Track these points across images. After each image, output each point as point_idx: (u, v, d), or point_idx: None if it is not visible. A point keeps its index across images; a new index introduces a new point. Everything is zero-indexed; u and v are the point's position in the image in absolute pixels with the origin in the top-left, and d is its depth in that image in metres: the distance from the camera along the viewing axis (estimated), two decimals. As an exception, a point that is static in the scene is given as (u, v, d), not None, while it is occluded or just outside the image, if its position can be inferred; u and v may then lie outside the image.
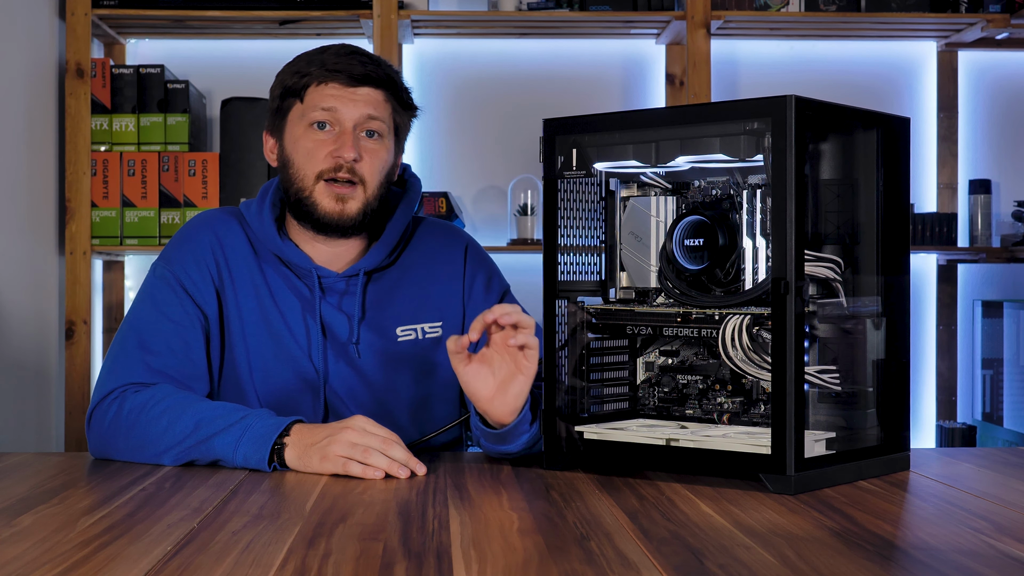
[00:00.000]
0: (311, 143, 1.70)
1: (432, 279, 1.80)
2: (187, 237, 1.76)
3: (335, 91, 1.70)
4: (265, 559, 1.04)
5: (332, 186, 1.69)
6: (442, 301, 1.80)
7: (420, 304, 1.78)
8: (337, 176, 1.69)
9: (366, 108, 1.70)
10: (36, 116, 3.09)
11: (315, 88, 1.71)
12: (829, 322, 1.48)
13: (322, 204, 1.69)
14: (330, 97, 1.70)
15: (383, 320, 1.76)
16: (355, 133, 1.69)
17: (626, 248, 1.62)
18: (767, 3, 3.37)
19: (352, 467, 1.46)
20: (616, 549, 1.08)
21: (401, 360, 1.75)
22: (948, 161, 3.61)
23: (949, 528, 1.18)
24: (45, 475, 1.48)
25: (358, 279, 1.75)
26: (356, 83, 1.70)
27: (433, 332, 1.78)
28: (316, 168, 1.69)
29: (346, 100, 1.69)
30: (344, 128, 1.69)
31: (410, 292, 1.78)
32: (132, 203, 3.22)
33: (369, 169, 1.70)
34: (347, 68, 1.70)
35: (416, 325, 1.77)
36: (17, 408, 2.94)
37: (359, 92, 1.70)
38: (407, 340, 1.76)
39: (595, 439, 1.50)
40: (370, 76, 1.70)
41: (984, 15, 3.32)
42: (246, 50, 3.54)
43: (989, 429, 3.48)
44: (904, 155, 1.54)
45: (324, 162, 1.69)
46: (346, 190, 1.69)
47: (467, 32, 3.47)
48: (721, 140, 1.44)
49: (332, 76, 1.70)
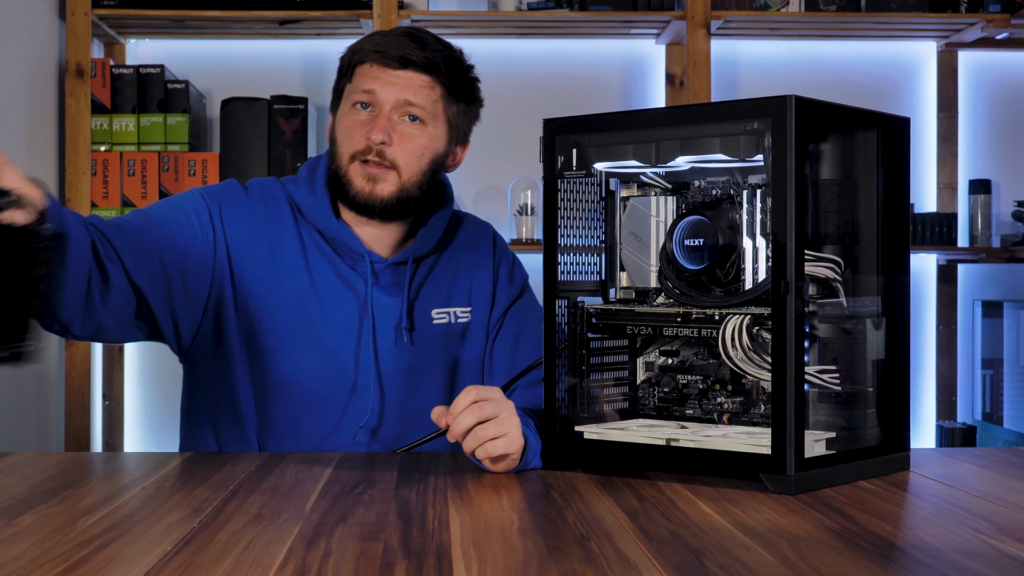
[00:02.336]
0: (350, 122, 1.71)
1: (464, 266, 1.83)
2: (239, 195, 1.76)
3: (377, 72, 1.70)
4: (265, 559, 1.04)
5: (364, 166, 1.69)
6: (473, 287, 1.83)
7: (452, 289, 1.82)
8: (368, 158, 1.69)
9: (405, 91, 1.69)
10: (36, 116, 3.09)
11: (361, 68, 1.71)
12: (829, 322, 1.48)
13: (355, 183, 1.70)
14: (371, 78, 1.70)
15: (422, 304, 1.79)
16: (391, 116, 1.69)
17: (626, 248, 1.62)
18: (767, 3, 3.37)
19: None
20: (616, 549, 1.08)
21: (435, 343, 1.78)
22: (948, 161, 3.61)
23: (949, 528, 1.18)
24: (45, 475, 1.48)
25: (406, 266, 1.77)
26: (397, 65, 1.69)
27: (464, 317, 1.81)
28: (351, 148, 1.70)
29: (385, 82, 1.69)
30: (381, 110, 1.69)
31: (444, 277, 1.81)
32: (132, 203, 3.22)
33: (402, 154, 1.70)
34: (389, 49, 1.69)
35: (449, 309, 1.80)
36: (17, 408, 2.94)
37: (399, 75, 1.69)
38: (441, 323, 1.80)
39: (595, 439, 1.50)
40: (410, 59, 1.69)
41: (984, 15, 3.32)
42: (246, 50, 3.54)
43: (989, 429, 3.48)
44: (904, 155, 1.54)
45: (357, 143, 1.69)
46: (377, 171, 1.69)
47: (467, 32, 3.47)
48: (721, 140, 1.44)
49: (375, 56, 1.70)
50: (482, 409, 1.45)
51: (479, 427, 1.44)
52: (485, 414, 1.44)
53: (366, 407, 1.73)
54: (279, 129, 3.28)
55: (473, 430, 1.45)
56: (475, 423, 1.44)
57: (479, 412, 1.44)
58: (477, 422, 1.44)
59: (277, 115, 3.29)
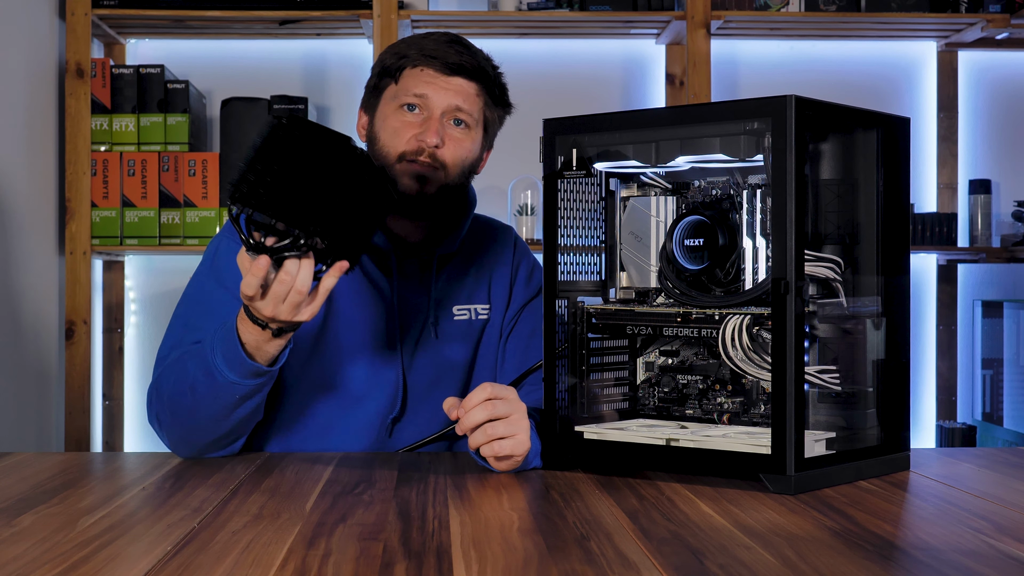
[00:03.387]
0: (398, 123, 1.72)
1: (485, 264, 1.86)
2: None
3: (429, 77, 1.72)
4: (265, 559, 1.04)
5: (413, 166, 1.71)
6: (493, 286, 1.85)
7: (473, 286, 1.84)
8: (418, 159, 1.70)
9: (456, 98, 1.72)
10: (36, 116, 3.09)
11: (410, 71, 1.73)
12: (829, 322, 1.48)
13: (402, 182, 1.71)
14: (423, 83, 1.72)
15: (445, 300, 1.81)
16: (442, 120, 1.72)
17: (626, 248, 1.62)
18: (767, 3, 3.37)
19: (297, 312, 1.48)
20: (616, 549, 1.08)
21: (456, 338, 1.80)
22: (948, 161, 3.61)
23: (949, 528, 1.18)
24: (45, 475, 1.48)
25: (431, 262, 1.79)
26: (450, 72, 1.72)
27: (483, 315, 1.83)
28: (399, 148, 1.71)
29: (438, 87, 1.72)
30: (432, 114, 1.71)
31: (465, 275, 1.83)
32: (132, 203, 3.22)
33: (452, 156, 1.72)
34: (443, 56, 1.72)
35: (470, 306, 1.82)
36: (17, 408, 2.94)
37: (452, 81, 1.72)
38: (462, 320, 1.81)
39: (595, 439, 1.50)
40: (464, 67, 1.72)
41: (984, 15, 3.32)
42: (246, 50, 3.54)
43: (989, 429, 3.48)
44: (904, 155, 1.54)
45: (407, 144, 1.71)
46: (427, 170, 1.71)
47: (467, 32, 3.46)
48: (721, 140, 1.44)
49: (428, 62, 1.72)
50: (495, 407, 1.45)
51: (489, 424, 1.45)
52: (497, 412, 1.45)
53: (391, 401, 1.74)
54: (279, 129, 3.28)
55: (483, 427, 1.45)
56: (486, 420, 1.45)
57: (491, 409, 1.45)
58: (488, 419, 1.45)
59: (277, 115, 3.29)
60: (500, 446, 1.45)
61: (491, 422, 1.45)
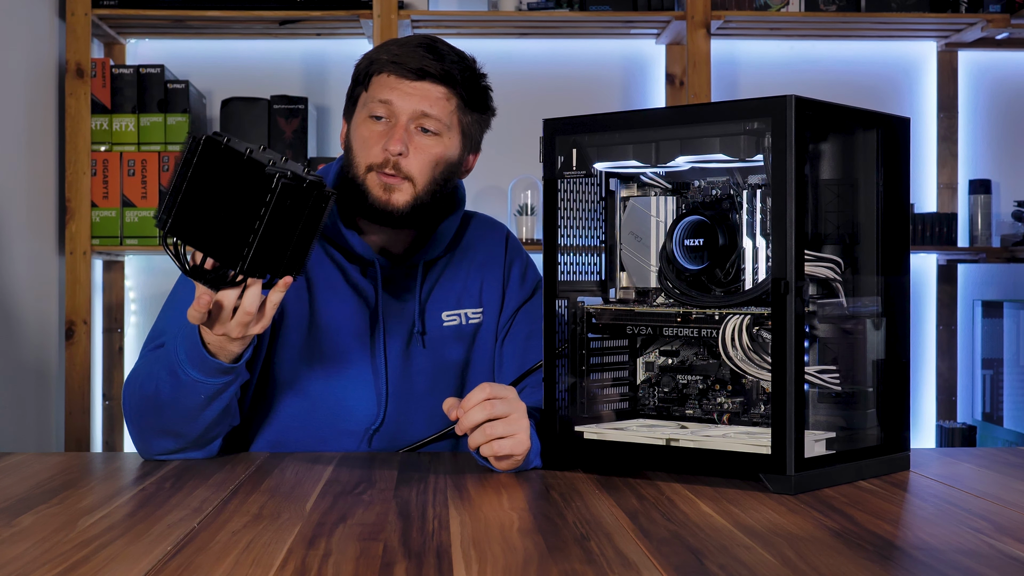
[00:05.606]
0: (367, 132, 1.71)
1: (475, 267, 1.84)
2: None
3: (394, 83, 1.70)
4: (265, 559, 1.04)
5: (381, 176, 1.70)
6: (484, 288, 1.84)
7: (463, 291, 1.82)
8: (384, 171, 1.70)
9: (421, 103, 1.69)
10: (36, 116, 3.09)
11: (377, 78, 1.72)
12: (829, 322, 1.48)
13: (372, 192, 1.70)
14: (388, 89, 1.70)
15: (432, 307, 1.80)
16: (408, 128, 1.70)
17: (626, 248, 1.62)
18: (767, 3, 3.37)
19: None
20: (616, 549, 1.08)
21: (446, 345, 1.79)
22: (948, 161, 3.61)
23: (949, 528, 1.18)
24: (45, 475, 1.48)
25: (416, 270, 1.78)
26: (415, 77, 1.69)
27: (475, 318, 1.82)
28: (368, 159, 1.71)
29: (403, 93, 1.70)
30: (398, 120, 1.70)
31: (455, 279, 1.82)
32: (132, 203, 3.22)
33: (417, 166, 1.70)
34: (407, 61, 1.69)
35: (460, 311, 1.81)
36: (17, 408, 2.94)
37: (417, 86, 1.70)
38: (452, 325, 1.80)
39: (595, 439, 1.50)
40: (427, 71, 1.69)
41: (984, 15, 3.32)
42: (246, 50, 3.54)
43: (989, 429, 3.48)
44: (904, 155, 1.54)
45: (375, 155, 1.70)
46: (393, 181, 1.70)
47: (467, 32, 3.47)
48: (721, 140, 1.44)
49: (392, 68, 1.70)
50: (494, 407, 1.45)
51: (488, 424, 1.45)
52: (496, 412, 1.45)
53: (374, 410, 1.74)
54: (279, 129, 3.29)
55: (482, 426, 1.45)
56: (485, 419, 1.45)
57: (490, 409, 1.45)
58: (487, 419, 1.45)
59: (277, 115, 3.29)
60: (500, 445, 1.45)
61: (490, 422, 1.45)
